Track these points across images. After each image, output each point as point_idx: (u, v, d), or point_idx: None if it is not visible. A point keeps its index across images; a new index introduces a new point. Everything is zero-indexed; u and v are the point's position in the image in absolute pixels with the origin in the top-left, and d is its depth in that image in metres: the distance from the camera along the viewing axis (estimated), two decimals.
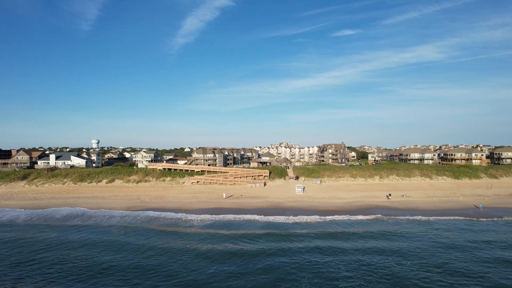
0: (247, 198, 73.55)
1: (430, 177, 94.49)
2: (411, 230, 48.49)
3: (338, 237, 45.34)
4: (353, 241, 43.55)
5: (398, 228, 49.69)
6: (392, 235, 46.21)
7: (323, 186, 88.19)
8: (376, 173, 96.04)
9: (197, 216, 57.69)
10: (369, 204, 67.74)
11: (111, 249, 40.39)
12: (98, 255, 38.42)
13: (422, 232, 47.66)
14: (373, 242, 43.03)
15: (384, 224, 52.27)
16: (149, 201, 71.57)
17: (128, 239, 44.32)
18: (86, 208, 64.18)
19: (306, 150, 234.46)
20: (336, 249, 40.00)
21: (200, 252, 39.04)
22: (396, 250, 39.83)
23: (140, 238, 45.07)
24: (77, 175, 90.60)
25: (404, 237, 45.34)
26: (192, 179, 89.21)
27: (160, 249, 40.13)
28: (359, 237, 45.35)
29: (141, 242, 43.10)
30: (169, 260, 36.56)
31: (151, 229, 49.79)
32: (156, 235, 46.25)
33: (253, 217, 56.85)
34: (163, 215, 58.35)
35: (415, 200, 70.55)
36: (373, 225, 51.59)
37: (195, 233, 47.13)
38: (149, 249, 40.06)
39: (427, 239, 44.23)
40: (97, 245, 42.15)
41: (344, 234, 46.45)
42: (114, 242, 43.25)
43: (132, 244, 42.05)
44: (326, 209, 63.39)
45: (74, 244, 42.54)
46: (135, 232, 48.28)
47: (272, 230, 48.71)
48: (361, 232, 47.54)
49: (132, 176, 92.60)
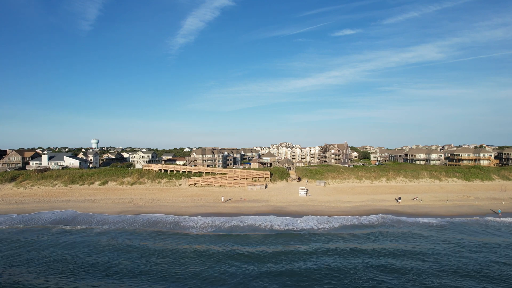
0: (247, 202, 68.99)
1: (439, 179, 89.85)
2: (430, 240, 43.89)
3: (353, 251, 40.76)
4: (369, 255, 38.97)
5: (413, 237, 45.09)
6: (410, 245, 41.64)
7: (328, 188, 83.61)
8: (383, 175, 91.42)
9: (192, 223, 53.15)
10: (378, 208, 63.17)
11: (81, 269, 35.74)
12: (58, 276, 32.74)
13: (443, 241, 43.04)
14: (391, 254, 38.47)
15: (398, 232, 47.65)
16: (142, 205, 67.05)
17: (100, 259, 38.86)
18: (74, 212, 59.64)
19: (308, 150, 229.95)
20: (352, 267, 35.46)
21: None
22: (418, 265, 35.29)
23: (114, 257, 39.20)
24: (68, 177, 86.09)
25: (424, 251, 40.74)
26: (189, 181, 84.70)
27: (138, 272, 33.78)
28: (374, 248, 40.75)
29: (113, 261, 37.15)
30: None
31: (134, 245, 45.16)
32: (138, 252, 40.91)
33: (254, 222, 52.27)
34: (153, 217, 53.76)
35: (427, 204, 65.94)
36: (386, 233, 46.96)
37: (184, 251, 42.44)
38: (123, 271, 35.28)
39: (451, 251, 39.64)
40: (65, 262, 36.44)
41: (357, 245, 41.89)
42: (87, 261, 37.30)
43: (100, 265, 35.69)
44: (332, 214, 58.88)
45: (40, 261, 37.85)
46: (114, 247, 43.70)
47: (276, 247, 44.15)
48: (375, 243, 42.96)
49: (126, 178, 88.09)
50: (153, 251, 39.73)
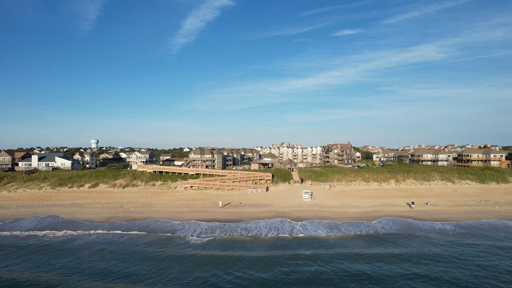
0: (247, 206, 63.59)
1: (452, 181, 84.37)
2: (454, 251, 38.42)
3: (377, 262, 35.32)
4: (397, 270, 33.52)
5: (439, 246, 39.62)
6: (433, 255, 36.20)
7: (333, 191, 78.19)
8: (392, 177, 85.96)
9: (186, 232, 47.74)
10: (390, 214, 57.78)
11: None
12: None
13: (471, 254, 37.59)
14: (418, 267, 33.03)
15: (418, 241, 42.15)
16: (133, 210, 61.65)
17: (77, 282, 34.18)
18: (56, 218, 54.22)
19: (309, 151, 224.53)
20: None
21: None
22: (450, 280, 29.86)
23: (92, 275, 34.80)
24: (57, 179, 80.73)
25: (449, 261, 35.29)
26: (185, 183, 79.31)
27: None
28: (395, 260, 35.32)
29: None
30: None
31: (116, 260, 39.72)
32: (122, 273, 36.09)
33: (256, 229, 46.80)
34: (144, 224, 48.34)
35: (443, 210, 60.49)
36: (405, 243, 41.47)
37: (173, 267, 37.08)
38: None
39: (486, 260, 34.23)
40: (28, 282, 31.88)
41: (378, 257, 36.44)
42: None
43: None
44: (340, 221, 53.47)
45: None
46: (93, 262, 38.30)
47: (282, 260, 38.69)
48: (398, 257, 37.49)
49: (119, 180, 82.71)
50: (139, 268, 34.34)
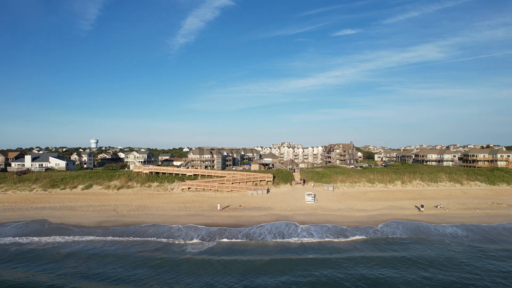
0: (247, 210, 60.29)
1: (460, 183, 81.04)
2: (472, 257, 35.08)
3: (391, 272, 31.98)
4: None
5: (453, 253, 36.29)
6: (453, 262, 32.86)
7: (337, 193, 74.90)
8: (397, 178, 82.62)
9: (181, 239, 44.43)
10: (398, 218, 54.53)
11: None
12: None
13: (492, 261, 34.24)
14: (442, 273, 29.70)
15: (433, 248, 38.77)
16: (126, 213, 58.36)
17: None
18: (44, 223, 50.92)
19: (310, 151, 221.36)
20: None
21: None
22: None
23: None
24: (49, 180, 77.43)
25: (469, 269, 31.95)
26: (183, 185, 76.01)
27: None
28: (411, 267, 31.98)
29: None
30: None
31: (102, 275, 36.43)
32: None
33: (258, 234, 43.49)
34: (136, 230, 45.02)
35: (454, 213, 57.18)
36: (418, 249, 38.08)
37: (164, 280, 33.79)
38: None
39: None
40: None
41: (392, 265, 33.10)
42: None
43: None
44: (346, 225, 50.19)
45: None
46: (75, 277, 34.98)
47: (296, 274, 35.37)
48: (410, 261, 34.16)
49: (113, 181, 79.41)
50: (129, 279, 31.05)
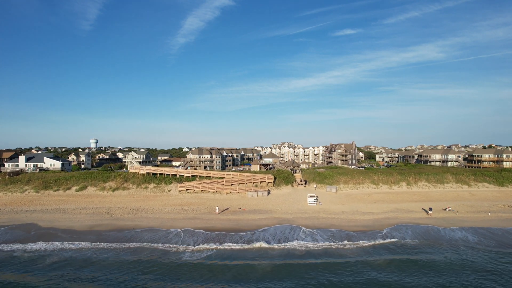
0: (247, 212, 57.64)
1: (468, 184, 78.32)
2: (489, 263, 32.35)
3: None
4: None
5: (471, 258, 33.57)
6: (474, 270, 30.15)
7: (340, 195, 72.21)
8: (402, 179, 79.91)
9: (177, 245, 41.73)
10: (406, 222, 51.85)
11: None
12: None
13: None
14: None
15: (448, 253, 36.06)
16: (121, 216, 55.71)
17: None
18: (33, 227, 48.24)
19: (311, 151, 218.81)
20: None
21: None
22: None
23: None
24: (41, 181, 74.77)
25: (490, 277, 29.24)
26: (180, 186, 73.35)
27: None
28: (427, 275, 29.25)
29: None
30: None
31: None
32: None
33: (259, 240, 40.79)
34: (129, 235, 42.31)
35: (464, 217, 54.46)
36: (432, 256, 35.38)
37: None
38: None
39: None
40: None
41: (405, 275, 30.38)
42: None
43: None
44: (352, 229, 47.53)
45: None
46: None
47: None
48: (425, 268, 31.45)
49: (109, 182, 76.74)
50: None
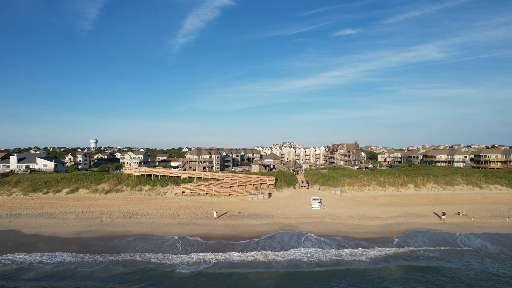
0: (247, 217, 53.86)
1: (479, 186, 74.56)
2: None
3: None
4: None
5: (498, 275, 29.72)
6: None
7: (345, 198, 68.47)
8: (410, 181, 76.15)
9: (169, 256, 37.95)
10: (418, 228, 48.09)
11: None
12: None
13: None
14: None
15: (473, 266, 32.23)
16: (111, 221, 51.95)
17: None
18: (13, 234, 44.44)
19: (312, 151, 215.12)
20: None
21: None
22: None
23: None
24: (30, 183, 71.06)
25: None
26: (177, 189, 69.61)
27: None
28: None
29: None
30: None
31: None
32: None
33: (259, 252, 36.98)
34: (117, 245, 38.48)
35: (480, 222, 50.65)
36: (456, 267, 31.52)
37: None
38: None
39: None
40: None
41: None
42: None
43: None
44: (360, 237, 43.76)
45: None
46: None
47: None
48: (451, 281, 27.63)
49: (101, 184, 73.01)
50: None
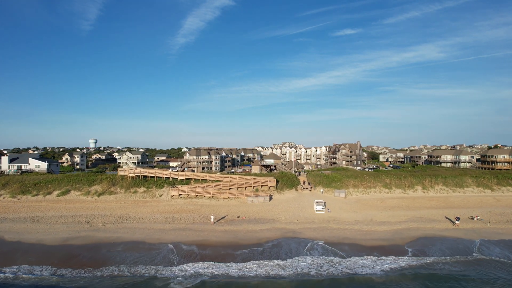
0: (246, 222, 50.43)
1: (490, 188, 71.09)
2: None
3: None
4: None
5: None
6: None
7: (350, 201, 65.04)
8: (417, 182, 72.68)
9: (163, 263, 34.52)
10: (431, 234, 44.62)
11: None
12: None
13: None
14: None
15: (503, 279, 28.81)
16: (102, 226, 48.57)
17: None
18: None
19: (313, 151, 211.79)
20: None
21: None
22: None
23: None
24: (20, 185, 67.72)
25: None
26: (173, 191, 66.21)
27: None
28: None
29: None
30: None
31: None
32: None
33: (263, 265, 33.59)
34: (106, 255, 35.06)
35: (498, 228, 47.15)
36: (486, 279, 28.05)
37: None
38: None
39: None
40: None
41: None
42: None
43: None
44: (368, 244, 40.37)
45: None
46: None
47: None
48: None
49: (94, 186, 69.64)
50: None
